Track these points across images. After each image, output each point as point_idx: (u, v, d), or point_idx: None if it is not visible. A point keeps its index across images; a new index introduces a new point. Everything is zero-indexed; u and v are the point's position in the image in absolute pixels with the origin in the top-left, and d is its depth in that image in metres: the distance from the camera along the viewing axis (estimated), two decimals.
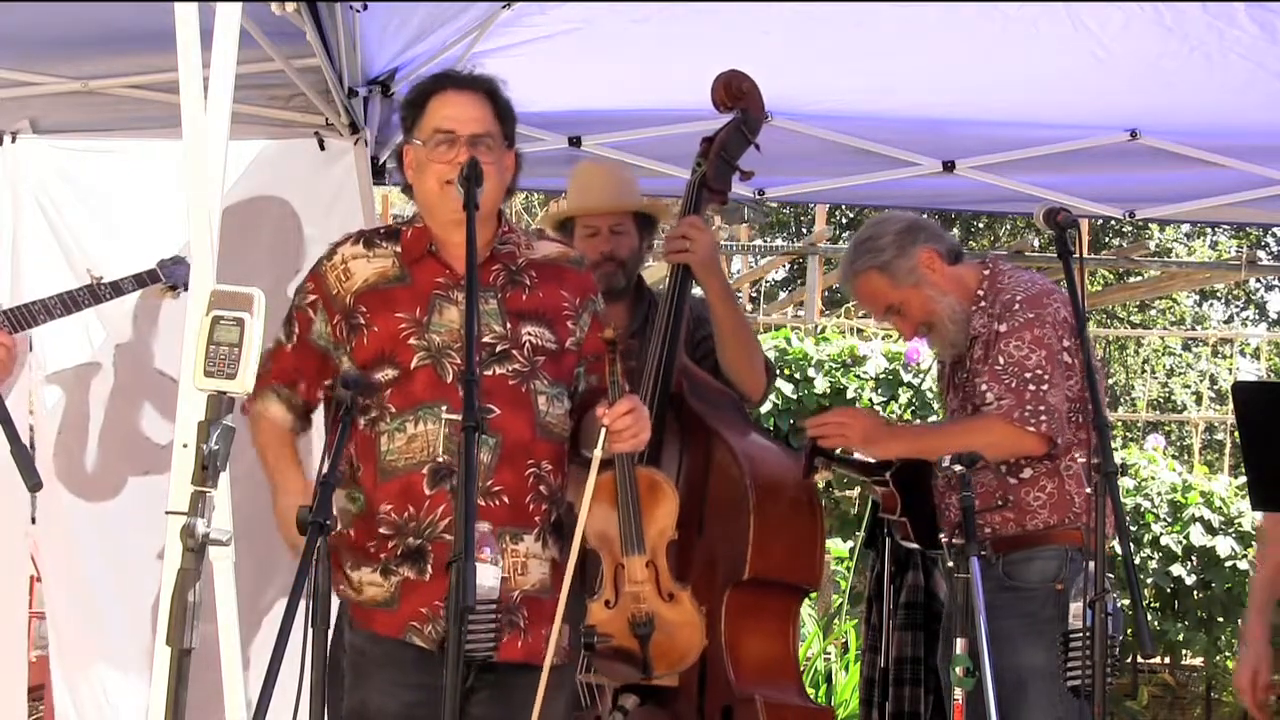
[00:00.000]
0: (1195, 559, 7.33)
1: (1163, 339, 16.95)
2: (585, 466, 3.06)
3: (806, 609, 7.29)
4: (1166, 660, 8.09)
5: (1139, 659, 7.37)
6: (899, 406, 6.95)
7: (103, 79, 4.59)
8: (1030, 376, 3.70)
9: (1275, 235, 16.87)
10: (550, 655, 2.99)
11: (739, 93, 4.12)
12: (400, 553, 3.08)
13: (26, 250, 4.80)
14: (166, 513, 2.82)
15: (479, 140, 3.12)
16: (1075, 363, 3.72)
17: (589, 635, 3.44)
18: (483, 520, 2.92)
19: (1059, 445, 3.72)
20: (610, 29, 4.55)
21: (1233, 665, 4.27)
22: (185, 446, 2.88)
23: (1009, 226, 16.14)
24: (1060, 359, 3.72)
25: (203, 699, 2.56)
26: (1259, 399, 3.22)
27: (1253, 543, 6.90)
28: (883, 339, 7.97)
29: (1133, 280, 11.77)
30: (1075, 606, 3.16)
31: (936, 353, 4.15)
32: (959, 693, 3.30)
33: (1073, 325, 3.53)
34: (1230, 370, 13.78)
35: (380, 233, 3.30)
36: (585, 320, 3.28)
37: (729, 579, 3.76)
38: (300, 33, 4.07)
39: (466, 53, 4.49)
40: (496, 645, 2.92)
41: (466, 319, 2.84)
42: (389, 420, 3.11)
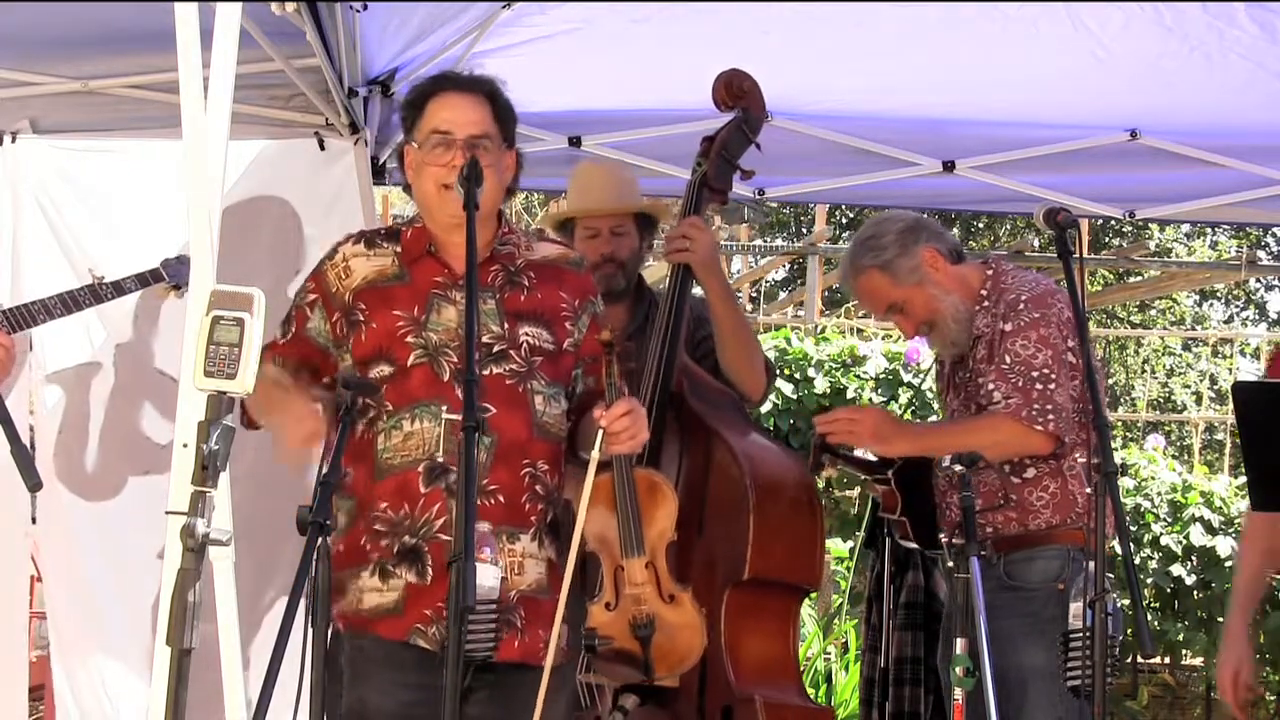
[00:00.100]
0: (1195, 559, 7.32)
1: (1163, 339, 16.95)
2: (584, 468, 3.06)
3: (806, 609, 7.29)
4: (1166, 660, 8.07)
5: (1139, 659, 7.36)
6: (899, 406, 6.94)
7: (103, 79, 4.59)
8: (1037, 375, 3.71)
9: (1275, 235, 16.87)
10: (551, 657, 2.99)
11: (740, 92, 4.12)
12: (397, 552, 3.07)
13: (26, 250, 4.80)
14: (166, 513, 2.83)
15: (476, 142, 3.12)
16: (1077, 363, 3.72)
17: (590, 638, 3.44)
18: (479, 520, 2.92)
19: (1065, 444, 3.73)
20: (610, 29, 4.55)
21: (1199, 663, 4.25)
22: (185, 446, 2.88)
23: (1009, 226, 16.14)
24: (1065, 359, 3.73)
25: (203, 699, 2.56)
26: (1259, 399, 3.21)
27: None
28: (883, 339, 7.96)
29: (1133, 280, 11.77)
30: (1075, 606, 3.16)
31: (937, 352, 4.14)
32: (959, 693, 3.30)
33: (1075, 325, 3.54)
34: (1230, 370, 13.78)
35: (381, 233, 3.30)
36: (584, 321, 3.27)
37: (729, 579, 3.76)
38: (300, 33, 4.07)
39: (466, 53, 4.49)
40: (496, 645, 2.93)
41: (466, 319, 2.85)
42: (385, 419, 3.11)
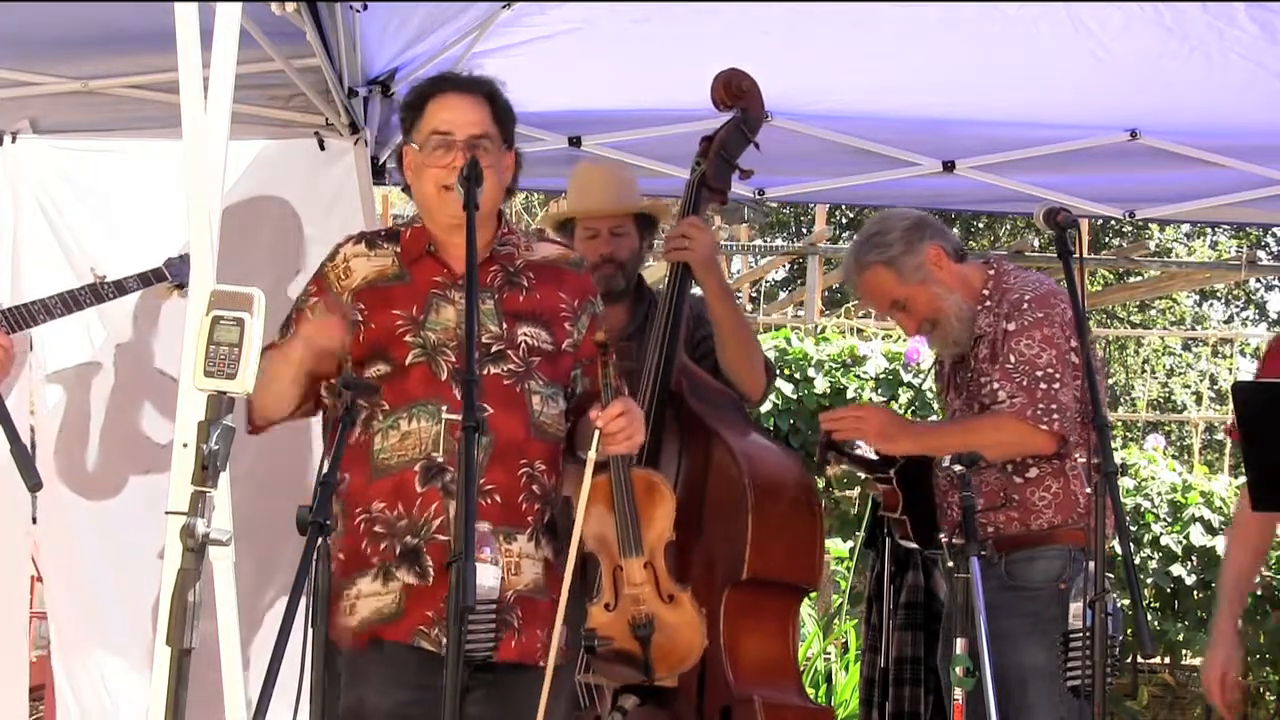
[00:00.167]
0: (1195, 559, 7.32)
1: (1163, 339, 16.96)
2: (584, 467, 3.06)
3: (806, 609, 7.29)
4: (1166, 660, 8.07)
5: (1139, 659, 7.35)
6: (899, 407, 6.93)
7: (103, 79, 4.58)
8: (1042, 375, 3.72)
9: (1275, 235, 16.88)
10: (553, 659, 2.99)
11: (739, 91, 4.12)
12: (398, 553, 3.07)
13: (27, 250, 4.79)
14: (166, 513, 2.82)
15: (476, 142, 3.12)
16: (1079, 362, 3.72)
17: (589, 638, 3.43)
18: (478, 520, 2.92)
19: (1069, 444, 3.73)
20: (610, 29, 4.55)
21: (1200, 663, 4.24)
22: (185, 446, 2.88)
23: (1009, 226, 16.15)
24: (1069, 358, 3.73)
25: (203, 699, 2.56)
26: (1259, 399, 3.21)
27: None
28: (883, 339, 7.96)
29: (1133, 280, 11.78)
30: (1075, 606, 3.16)
31: (937, 351, 4.14)
32: (959, 693, 3.30)
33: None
34: (1230, 370, 13.79)
35: (381, 234, 3.31)
36: (583, 322, 3.27)
37: (728, 579, 3.76)
38: (300, 33, 4.06)
39: (466, 53, 4.49)
40: (496, 645, 2.93)
41: (466, 319, 2.84)
42: (382, 418, 3.11)
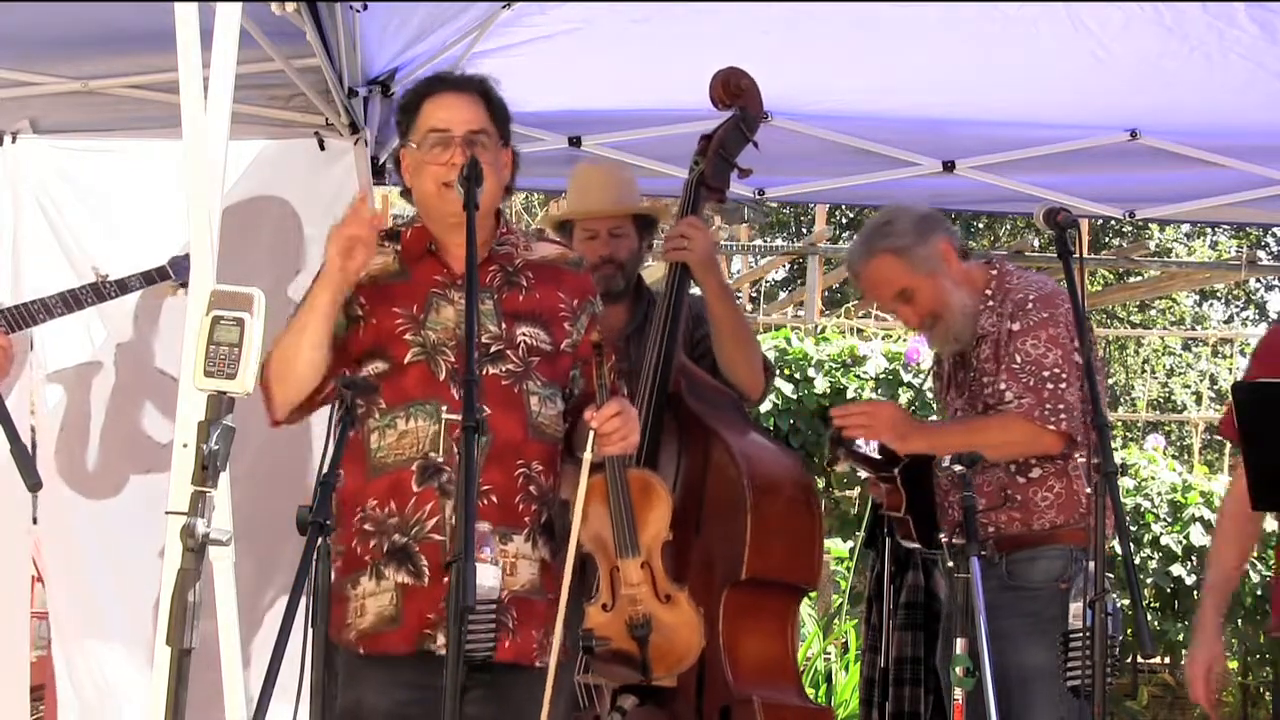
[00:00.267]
0: (1195, 559, 7.33)
1: (1163, 339, 16.97)
2: (580, 468, 3.06)
3: (806, 609, 7.29)
4: (1166, 660, 8.08)
5: (1139, 659, 7.36)
6: None
7: (103, 79, 4.58)
8: (1048, 375, 3.72)
9: (1275, 235, 16.89)
10: (554, 660, 2.99)
11: (737, 90, 4.12)
12: (385, 551, 3.07)
13: (27, 250, 4.79)
14: (166, 513, 2.82)
15: (474, 137, 3.12)
16: (1081, 362, 3.73)
17: (587, 639, 3.43)
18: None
19: (1075, 443, 3.73)
20: (610, 29, 4.55)
21: (1184, 661, 4.22)
22: (185, 446, 2.88)
23: (1009, 226, 16.14)
24: (1074, 358, 3.74)
25: (203, 699, 2.56)
26: (1259, 399, 3.21)
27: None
28: (883, 339, 7.96)
29: (1133, 280, 11.79)
30: (1075, 606, 3.15)
31: (937, 348, 4.13)
32: (959, 693, 3.30)
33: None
34: (1230, 370, 13.79)
35: (382, 234, 3.30)
36: (582, 322, 3.27)
37: (727, 579, 3.76)
38: (300, 33, 4.06)
39: (466, 53, 4.49)
40: (495, 645, 2.92)
41: (466, 319, 2.84)
42: (378, 416, 3.11)
